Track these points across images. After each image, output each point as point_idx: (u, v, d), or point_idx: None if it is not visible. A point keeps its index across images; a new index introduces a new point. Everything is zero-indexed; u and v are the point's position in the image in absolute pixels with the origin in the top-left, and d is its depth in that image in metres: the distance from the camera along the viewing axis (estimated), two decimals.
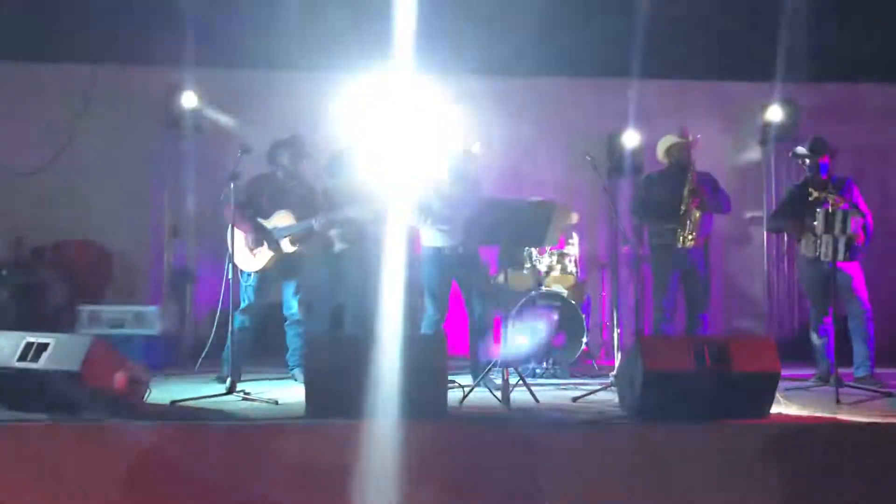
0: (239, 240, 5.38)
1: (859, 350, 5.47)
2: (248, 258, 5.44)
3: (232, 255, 5.07)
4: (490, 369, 5.00)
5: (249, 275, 5.48)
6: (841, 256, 5.11)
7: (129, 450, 3.72)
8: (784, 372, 4.15)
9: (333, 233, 5.81)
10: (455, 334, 6.66)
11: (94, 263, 7.59)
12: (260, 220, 5.50)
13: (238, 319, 5.30)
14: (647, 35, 7.11)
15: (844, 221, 5.06)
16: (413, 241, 7.62)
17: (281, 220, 5.48)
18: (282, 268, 5.54)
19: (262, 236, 5.42)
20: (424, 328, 5.58)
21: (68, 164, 7.63)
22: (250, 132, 6.92)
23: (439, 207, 5.47)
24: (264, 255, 5.44)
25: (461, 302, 5.73)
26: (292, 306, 5.59)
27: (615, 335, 6.01)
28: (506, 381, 4.35)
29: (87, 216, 7.57)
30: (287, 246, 5.46)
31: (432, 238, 5.57)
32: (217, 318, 5.55)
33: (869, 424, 4.02)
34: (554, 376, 5.88)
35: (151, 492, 3.65)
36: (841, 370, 4.93)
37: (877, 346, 5.54)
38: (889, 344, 7.64)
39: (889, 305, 7.67)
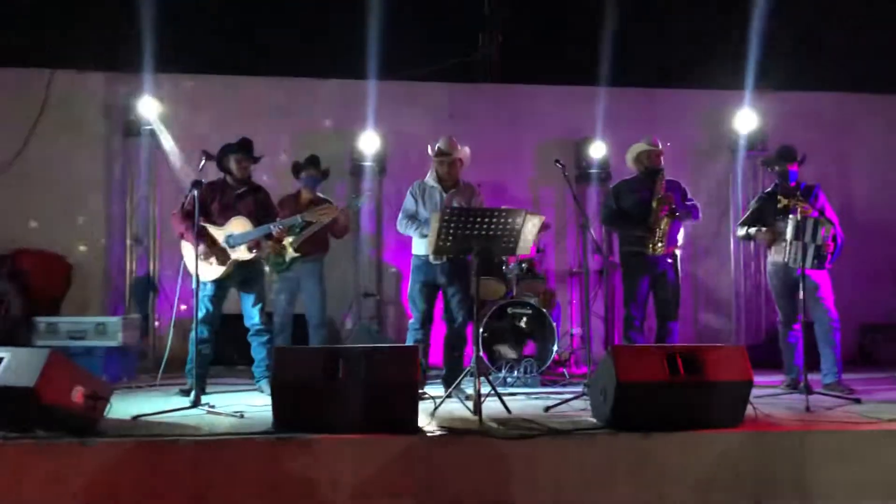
0: (191, 249, 5.22)
1: (827, 357, 5.49)
2: (204, 267, 5.18)
3: (196, 266, 4.90)
4: (461, 379, 4.93)
5: (206, 284, 5.25)
6: (809, 263, 5.14)
7: (87, 468, 3.59)
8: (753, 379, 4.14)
9: (288, 241, 5.70)
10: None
11: (53, 274, 7.37)
12: (214, 228, 5.27)
13: (198, 330, 5.18)
14: (616, 42, 7.14)
15: (815, 229, 5.09)
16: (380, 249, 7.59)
17: (237, 226, 5.27)
18: (240, 277, 5.38)
19: (211, 250, 5.19)
20: (409, 340, 5.47)
21: (25, 172, 7.42)
22: (215, 138, 6.81)
23: (427, 216, 5.37)
24: (222, 265, 5.25)
25: (436, 311, 5.63)
26: (254, 316, 5.44)
27: (586, 343, 5.98)
28: (477, 392, 4.27)
29: (44, 225, 7.38)
30: (244, 253, 5.27)
31: (421, 246, 5.45)
32: (171, 329, 5.40)
33: (841, 432, 4.02)
34: (525, 385, 5.83)
35: None
36: (809, 376, 4.94)
37: (843, 351, 5.59)
38: (854, 349, 7.77)
39: (853, 310, 7.78)
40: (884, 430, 4.03)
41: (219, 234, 5.28)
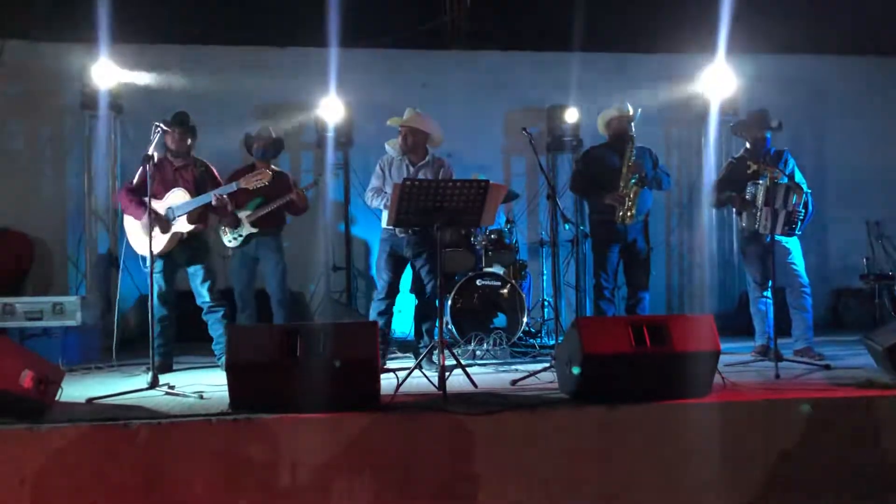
0: (136, 224, 5.23)
1: (798, 323, 5.46)
2: (146, 241, 5.02)
3: (150, 241, 4.77)
4: (427, 353, 4.85)
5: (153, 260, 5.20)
6: (780, 230, 5.07)
7: (37, 455, 3.47)
8: (724, 345, 4.08)
9: (243, 215, 5.59)
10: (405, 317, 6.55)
11: (13, 252, 7.18)
12: (155, 202, 5.16)
13: (155, 308, 5.08)
14: (586, 7, 6.98)
15: (787, 196, 5.01)
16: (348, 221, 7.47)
17: (175, 198, 5.22)
18: (185, 254, 5.34)
19: (153, 220, 5.04)
20: (373, 311, 5.40)
21: None
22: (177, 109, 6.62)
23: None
24: (162, 238, 5.19)
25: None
26: (203, 294, 5.39)
27: (556, 314, 5.91)
28: (442, 366, 4.18)
29: (1, 201, 7.16)
30: (184, 225, 5.20)
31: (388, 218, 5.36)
32: (116, 307, 5.29)
33: (809, 401, 3.96)
34: (494, 357, 5.74)
35: (62, 500, 3.41)
36: (779, 342, 4.89)
37: (816, 315, 5.57)
38: (827, 313, 7.78)
39: (827, 274, 7.78)
40: (849, 397, 3.98)
41: (160, 207, 5.22)
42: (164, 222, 5.18)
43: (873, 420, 3.85)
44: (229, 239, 5.69)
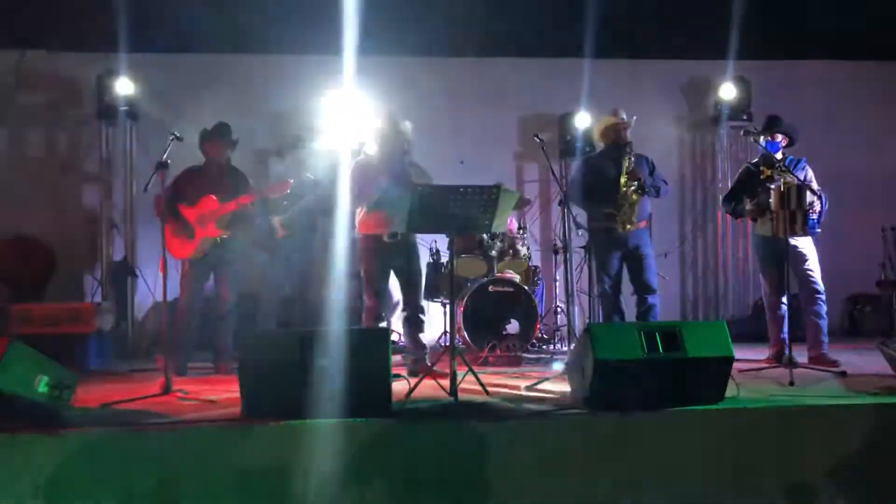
0: (170, 229, 5.30)
1: (812, 329, 5.43)
2: (180, 246, 5.38)
3: (163, 247, 4.86)
4: (438, 359, 4.84)
5: (182, 263, 5.44)
6: (799, 230, 5.00)
7: (52, 459, 3.50)
8: (738, 352, 4.06)
9: (276, 220, 5.68)
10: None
11: (30, 259, 7.25)
12: (187, 208, 5.42)
13: (181, 309, 5.32)
14: (598, 13, 6.98)
15: (799, 196, 4.97)
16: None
17: (206, 205, 5.38)
18: (214, 257, 5.46)
19: (184, 228, 5.36)
20: (364, 320, 5.36)
21: None
22: (191, 118, 6.67)
23: (380, 191, 5.23)
24: (193, 243, 5.37)
25: None
26: (220, 299, 5.54)
27: (569, 321, 5.90)
28: (453, 373, 4.19)
29: (19, 210, 7.23)
30: (212, 230, 5.37)
31: (369, 225, 5.31)
32: (160, 312, 5.39)
33: (823, 407, 3.94)
34: (507, 364, 5.73)
35: None
36: (794, 348, 4.85)
37: (831, 322, 5.53)
38: (843, 319, 7.73)
39: (842, 280, 7.71)
40: (866, 404, 3.95)
41: (193, 212, 5.40)
42: (192, 231, 5.36)
43: (888, 428, 3.82)
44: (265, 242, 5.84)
